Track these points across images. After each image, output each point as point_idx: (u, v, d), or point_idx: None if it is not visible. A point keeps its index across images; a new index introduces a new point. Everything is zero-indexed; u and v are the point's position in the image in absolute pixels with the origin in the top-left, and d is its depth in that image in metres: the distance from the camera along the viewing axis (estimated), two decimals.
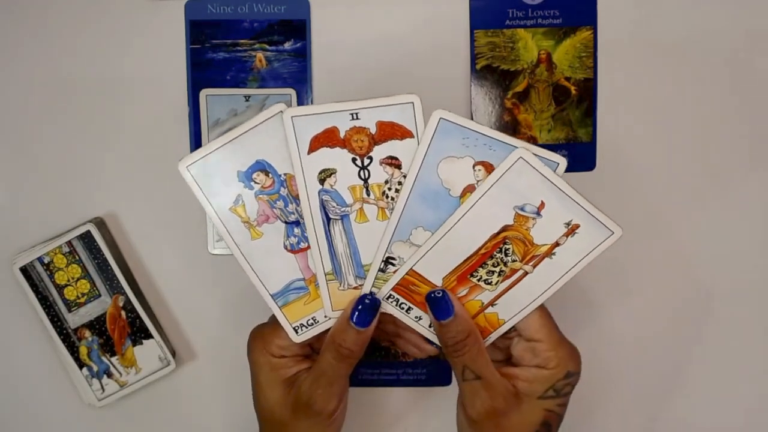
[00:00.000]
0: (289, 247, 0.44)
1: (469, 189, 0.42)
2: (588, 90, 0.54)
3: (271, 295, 0.44)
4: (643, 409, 0.56)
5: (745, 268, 0.55)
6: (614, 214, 0.42)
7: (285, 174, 0.43)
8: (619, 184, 0.54)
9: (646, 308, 0.55)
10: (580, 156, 0.54)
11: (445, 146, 0.41)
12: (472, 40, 0.53)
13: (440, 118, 0.41)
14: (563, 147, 0.54)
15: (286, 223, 0.43)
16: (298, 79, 0.54)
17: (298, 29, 0.53)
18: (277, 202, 0.43)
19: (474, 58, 0.53)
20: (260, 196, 0.43)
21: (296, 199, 0.43)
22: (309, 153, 0.42)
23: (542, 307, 0.43)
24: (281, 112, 0.42)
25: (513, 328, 0.44)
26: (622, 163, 0.54)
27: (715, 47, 0.54)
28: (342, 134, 0.42)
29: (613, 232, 0.41)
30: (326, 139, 0.42)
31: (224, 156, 0.42)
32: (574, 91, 0.54)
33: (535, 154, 0.41)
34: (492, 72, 0.54)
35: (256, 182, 0.43)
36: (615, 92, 0.54)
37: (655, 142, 0.54)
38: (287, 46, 0.53)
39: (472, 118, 0.54)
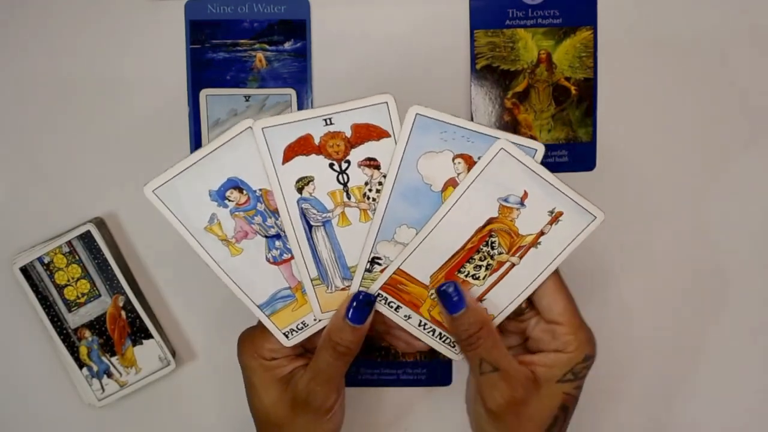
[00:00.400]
0: (271, 260, 0.43)
1: (451, 183, 0.42)
2: (588, 90, 0.54)
3: (257, 306, 0.43)
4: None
5: (745, 267, 0.55)
6: (614, 214, 0.42)
7: (260, 189, 0.42)
8: (619, 184, 0.54)
9: (646, 309, 0.55)
10: (580, 156, 0.54)
11: (423, 142, 0.41)
12: (472, 40, 0.53)
13: (416, 114, 0.41)
14: (563, 147, 0.54)
15: (266, 237, 0.43)
16: (298, 79, 0.54)
17: (298, 29, 0.53)
18: (255, 217, 0.42)
19: (474, 58, 0.53)
20: (236, 213, 0.42)
21: (274, 213, 0.42)
22: (284, 163, 0.41)
23: (566, 291, 0.43)
24: (250, 127, 0.41)
25: (531, 309, 0.44)
26: (622, 163, 0.54)
27: (716, 47, 0.54)
28: (317, 141, 0.41)
29: (596, 217, 0.41)
30: (300, 147, 0.41)
31: (192, 176, 0.41)
32: (574, 91, 0.54)
33: (514, 143, 0.41)
34: (492, 72, 0.54)
35: (230, 200, 0.42)
36: (615, 92, 0.54)
37: (655, 142, 0.54)
38: (287, 46, 0.53)
39: (472, 118, 0.54)
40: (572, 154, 0.54)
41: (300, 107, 0.54)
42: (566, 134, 0.54)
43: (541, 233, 0.42)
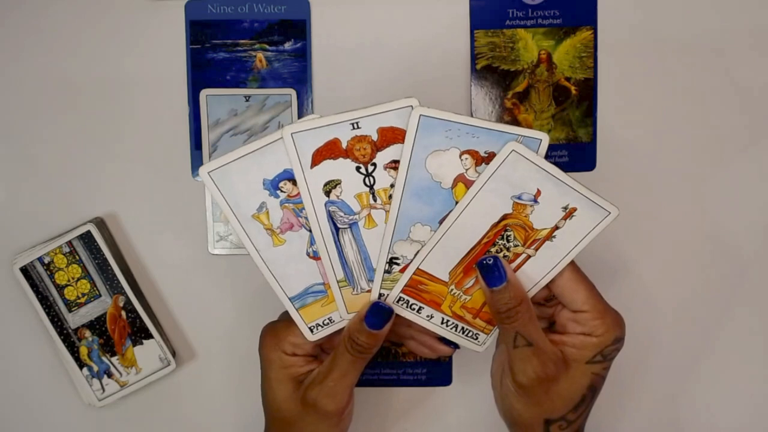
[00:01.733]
0: (311, 255, 0.44)
1: (460, 179, 0.42)
2: (588, 90, 0.54)
3: (289, 298, 0.44)
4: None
5: (747, 267, 0.55)
6: None
7: None
8: (619, 184, 0.54)
9: (647, 308, 0.55)
10: (580, 156, 0.54)
11: (429, 141, 0.42)
12: (472, 40, 0.53)
13: (420, 115, 0.41)
14: (563, 147, 0.54)
15: (310, 231, 0.44)
16: (298, 79, 0.54)
17: (298, 29, 0.53)
18: (303, 210, 0.43)
19: (474, 58, 0.53)
20: (286, 204, 0.43)
21: None
22: (312, 167, 0.42)
23: (585, 280, 0.44)
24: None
25: (555, 299, 0.45)
26: (622, 163, 0.54)
27: (716, 47, 0.54)
28: (344, 145, 0.42)
29: (610, 213, 0.42)
30: (328, 151, 0.42)
31: (249, 164, 0.42)
32: (574, 91, 0.54)
33: (521, 135, 0.41)
34: (492, 72, 0.54)
35: (282, 191, 0.43)
36: (615, 92, 0.54)
37: (655, 142, 0.54)
38: (287, 46, 0.53)
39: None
40: (572, 154, 0.54)
41: (300, 107, 0.54)
42: (566, 134, 0.54)
43: (556, 228, 0.43)
